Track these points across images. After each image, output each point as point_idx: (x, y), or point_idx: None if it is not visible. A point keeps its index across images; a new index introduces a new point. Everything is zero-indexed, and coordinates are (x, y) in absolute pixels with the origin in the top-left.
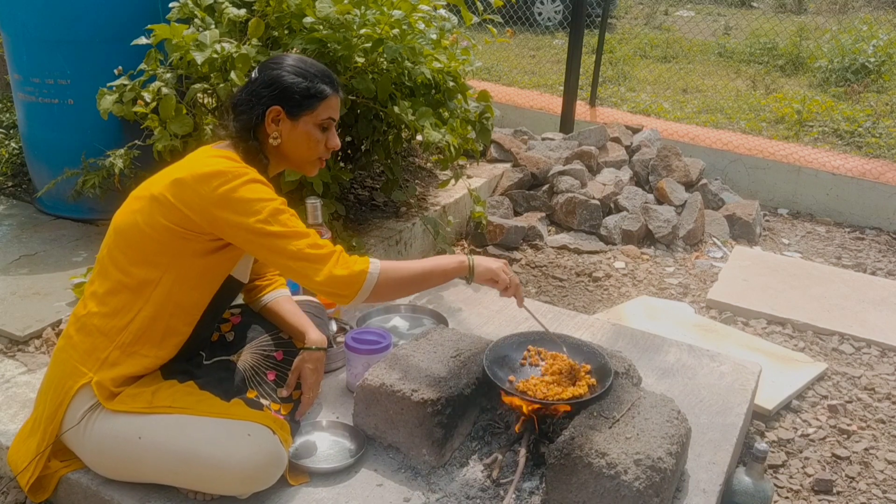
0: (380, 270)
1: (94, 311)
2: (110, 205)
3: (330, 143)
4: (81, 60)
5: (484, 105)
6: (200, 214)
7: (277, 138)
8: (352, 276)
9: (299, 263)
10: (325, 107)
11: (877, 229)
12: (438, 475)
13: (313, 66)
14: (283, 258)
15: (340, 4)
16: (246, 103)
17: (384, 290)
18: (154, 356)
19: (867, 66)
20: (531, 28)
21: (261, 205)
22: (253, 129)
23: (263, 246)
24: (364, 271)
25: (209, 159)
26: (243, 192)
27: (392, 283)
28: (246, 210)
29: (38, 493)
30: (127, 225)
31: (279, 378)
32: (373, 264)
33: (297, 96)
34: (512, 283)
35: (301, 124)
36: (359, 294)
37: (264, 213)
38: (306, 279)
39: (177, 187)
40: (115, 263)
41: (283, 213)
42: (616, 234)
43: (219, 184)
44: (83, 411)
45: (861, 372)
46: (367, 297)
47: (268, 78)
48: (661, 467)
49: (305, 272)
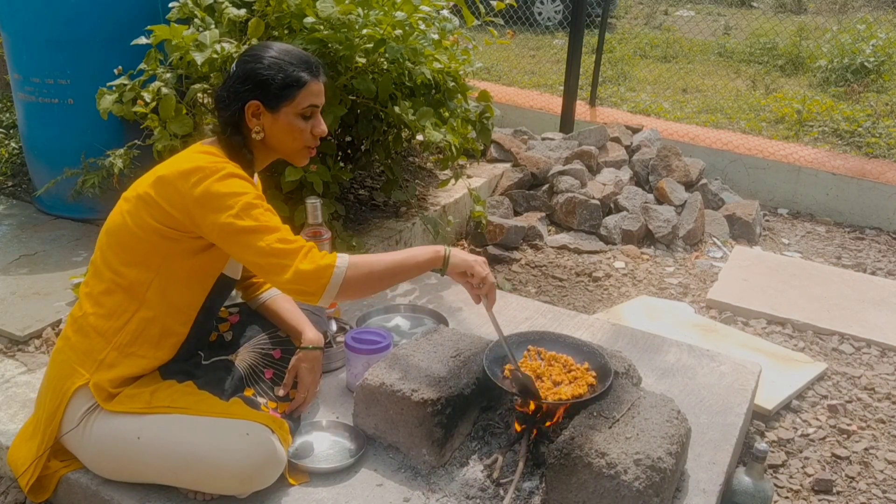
0: (347, 265)
1: (90, 312)
2: (110, 205)
3: (316, 130)
4: (81, 60)
5: (484, 105)
6: (182, 211)
7: (260, 132)
8: (318, 270)
9: (267, 260)
10: (305, 95)
11: (877, 229)
12: (438, 475)
13: (290, 55)
14: (252, 255)
15: (343, 5)
16: (225, 100)
17: (354, 284)
18: (152, 357)
19: (867, 65)
20: (531, 28)
21: (233, 199)
22: (236, 125)
23: (235, 244)
24: (331, 265)
25: (191, 155)
26: (218, 187)
27: (362, 278)
28: (220, 206)
29: (38, 493)
30: (117, 226)
31: (276, 376)
32: (340, 258)
33: (273, 88)
34: (486, 281)
35: (282, 116)
36: (326, 290)
37: (236, 207)
38: (274, 276)
39: (159, 185)
40: (107, 265)
41: (255, 208)
42: (616, 233)
43: (197, 179)
44: (82, 413)
45: (861, 372)
46: (338, 294)
47: (242, 73)
48: (661, 467)
49: (273, 269)
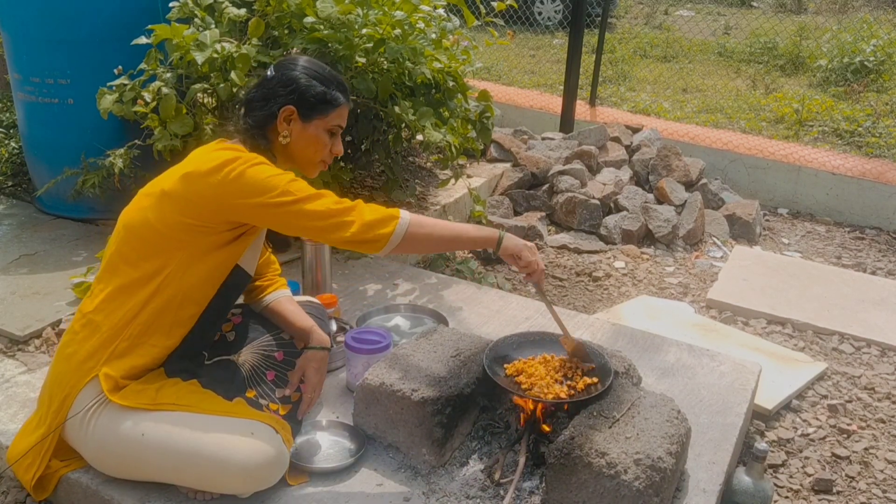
0: (410, 220)
1: (102, 307)
2: (110, 204)
3: (335, 149)
4: (81, 60)
5: (484, 104)
6: (216, 204)
7: (287, 137)
8: (384, 218)
9: (329, 221)
10: (337, 114)
11: (877, 229)
12: (438, 475)
13: (329, 72)
14: (311, 220)
15: (343, 4)
16: (261, 100)
17: (415, 240)
18: (162, 346)
19: (867, 65)
20: (531, 28)
21: (275, 180)
22: (264, 127)
23: (289, 214)
24: (395, 216)
25: (215, 153)
26: (253, 174)
27: (422, 236)
28: (262, 189)
29: (39, 493)
30: (137, 221)
31: (278, 378)
32: (403, 213)
33: (312, 99)
34: (534, 267)
35: (312, 127)
36: (391, 239)
37: (280, 186)
38: (340, 233)
39: (187, 181)
40: (124, 259)
41: (297, 182)
42: (616, 233)
43: (229, 170)
44: (87, 407)
45: (861, 371)
46: (398, 246)
47: (285, 78)
48: (661, 467)
49: (337, 227)
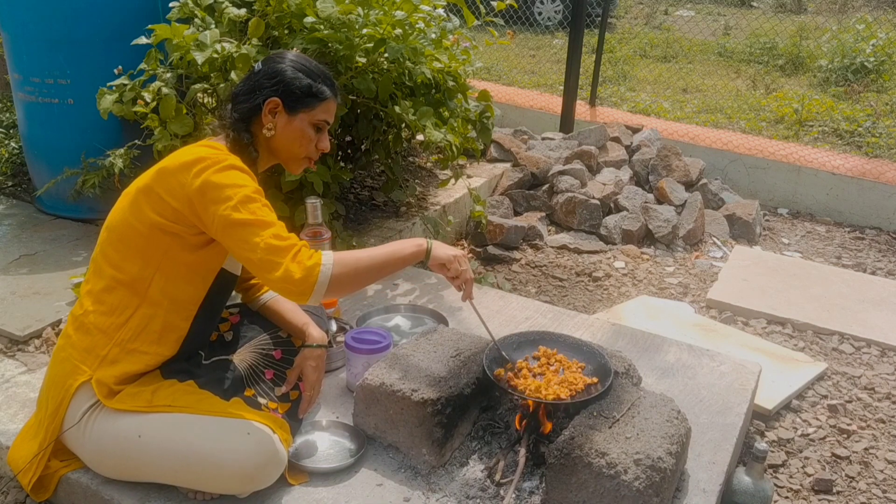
0: (333, 262)
1: (91, 310)
2: (110, 204)
3: (321, 145)
4: (81, 60)
5: (484, 104)
6: (183, 203)
7: (272, 129)
8: (305, 270)
9: (260, 256)
10: (323, 108)
11: (877, 229)
12: (438, 475)
13: (316, 66)
14: (246, 250)
15: (343, 4)
16: (247, 93)
17: (342, 281)
18: (154, 353)
19: (867, 65)
20: (531, 28)
21: (232, 191)
22: (248, 120)
23: (230, 237)
24: (317, 265)
25: (192, 149)
26: (218, 178)
27: (349, 274)
28: (218, 197)
29: (39, 493)
30: (118, 221)
31: (277, 377)
32: (325, 256)
33: (297, 92)
34: (462, 275)
35: (297, 120)
36: (315, 289)
37: (234, 199)
38: (266, 273)
39: (161, 176)
40: (108, 261)
41: (253, 202)
42: (616, 233)
43: (198, 170)
44: (83, 410)
45: (861, 372)
46: (326, 292)
47: (271, 70)
48: (661, 467)
49: (265, 266)
